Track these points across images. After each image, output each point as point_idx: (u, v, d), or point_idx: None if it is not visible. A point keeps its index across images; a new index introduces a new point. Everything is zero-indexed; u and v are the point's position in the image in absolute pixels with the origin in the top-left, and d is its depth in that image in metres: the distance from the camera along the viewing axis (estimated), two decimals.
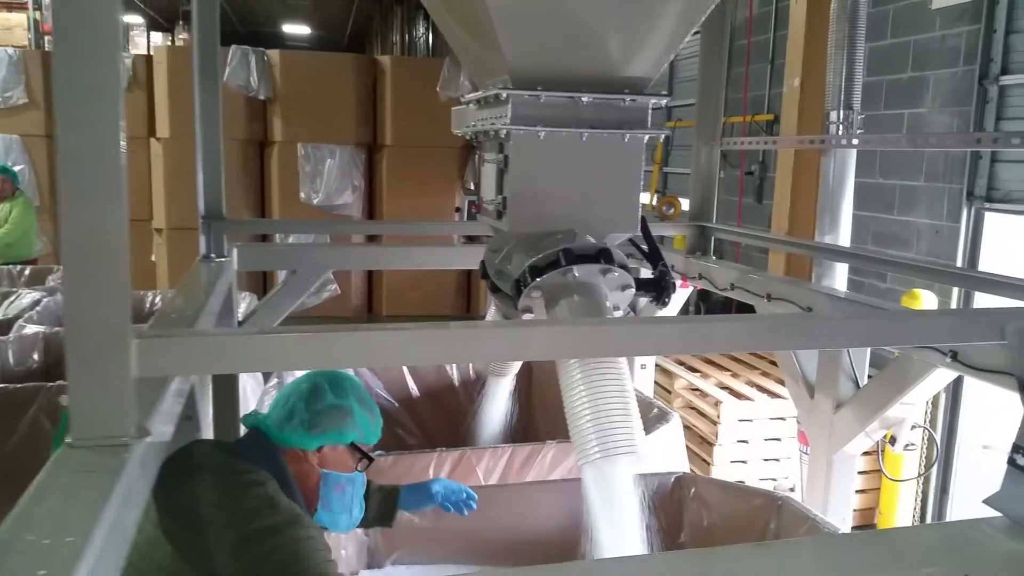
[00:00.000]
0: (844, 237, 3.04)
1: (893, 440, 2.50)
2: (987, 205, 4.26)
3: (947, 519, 4.53)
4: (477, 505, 2.24)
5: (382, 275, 8.87)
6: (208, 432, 2.78)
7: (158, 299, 5.57)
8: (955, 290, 4.45)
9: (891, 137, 3.84)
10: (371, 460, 1.90)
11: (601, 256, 1.97)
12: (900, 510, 4.38)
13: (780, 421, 4.54)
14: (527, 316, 2.05)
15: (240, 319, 3.53)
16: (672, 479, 2.43)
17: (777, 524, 2.27)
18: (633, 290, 2.05)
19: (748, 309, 5.01)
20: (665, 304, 2.14)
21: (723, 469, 4.49)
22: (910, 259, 2.63)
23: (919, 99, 4.67)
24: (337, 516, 1.84)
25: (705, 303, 6.12)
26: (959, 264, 4.38)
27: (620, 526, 1.90)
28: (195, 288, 2.66)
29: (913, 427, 2.47)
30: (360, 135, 8.55)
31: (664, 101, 2.03)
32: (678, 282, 3.12)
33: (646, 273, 2.25)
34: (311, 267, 3.47)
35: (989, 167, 4.22)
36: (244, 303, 6.26)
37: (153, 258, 8.45)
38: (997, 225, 4.30)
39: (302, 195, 8.39)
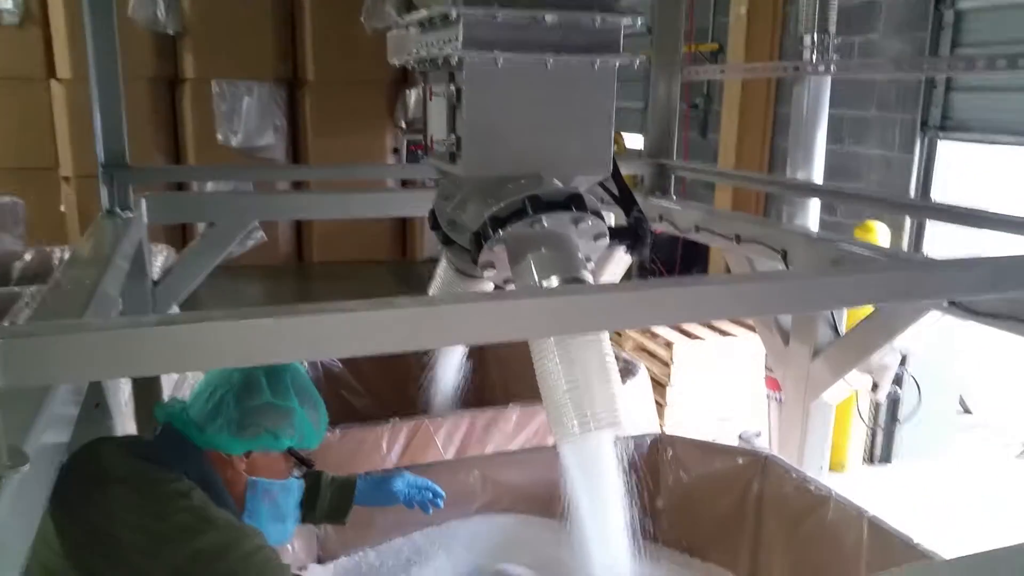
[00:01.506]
0: (818, 173, 2.86)
1: (875, 386, 2.36)
2: (941, 134, 4.14)
3: (896, 449, 4.54)
4: (440, 480, 2.03)
5: (312, 221, 8.46)
6: (124, 419, 2.47)
7: (67, 255, 5.14)
8: (907, 222, 4.38)
9: (873, 63, 3.66)
10: (310, 466, 1.64)
11: (572, 203, 1.73)
12: (852, 443, 4.36)
13: (733, 360, 4.44)
14: (488, 273, 1.81)
15: (155, 279, 3.18)
16: (648, 441, 2.25)
17: (761, 483, 2.12)
18: (607, 240, 1.83)
19: (696, 248, 4.80)
20: (641, 255, 1.91)
21: (677, 410, 4.38)
22: (901, 199, 2.46)
23: (871, 25, 4.50)
24: (266, 528, 1.55)
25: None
26: (912, 196, 4.29)
27: (603, 502, 1.73)
28: (97, 249, 2.32)
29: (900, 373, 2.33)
30: (279, 70, 8.02)
31: (640, 21, 1.77)
32: None
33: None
34: (231, 219, 3.14)
35: (944, 95, 4.09)
36: (161, 257, 5.86)
37: (62, 208, 7.87)
38: (951, 155, 4.20)
39: (219, 136, 7.87)
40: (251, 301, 7.69)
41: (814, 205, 2.77)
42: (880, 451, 4.56)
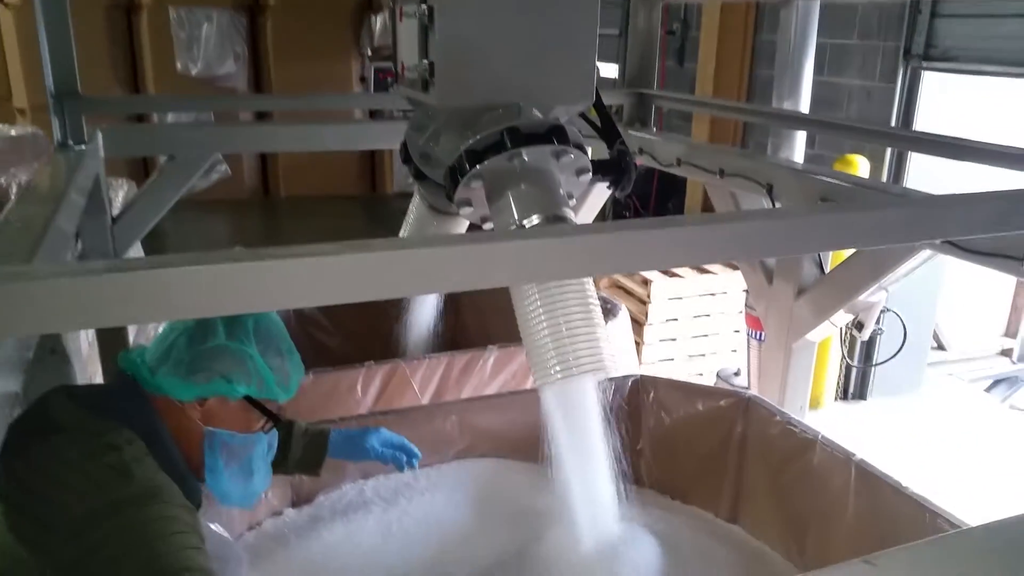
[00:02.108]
0: (804, 103, 2.75)
1: (860, 326, 2.31)
2: (925, 64, 4.05)
3: (871, 386, 4.56)
4: (418, 425, 1.96)
5: (277, 154, 8.23)
6: (85, 365, 2.37)
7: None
8: (887, 154, 4.31)
9: None
10: (276, 420, 1.49)
11: (553, 135, 1.63)
12: (827, 379, 4.36)
13: (710, 297, 4.40)
14: (465, 210, 1.71)
15: (114, 216, 3.04)
16: (629, 382, 2.19)
17: (744, 425, 2.07)
18: (590, 175, 1.73)
19: (673, 182, 4.67)
20: (624, 190, 1.82)
21: (653, 348, 4.35)
22: (903, 132, 2.37)
23: None
24: (226, 486, 1.44)
25: None
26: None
27: (584, 446, 1.68)
28: (50, 184, 2.17)
29: (885, 311, 2.28)
30: None
31: None
32: None
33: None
34: (192, 151, 3.00)
35: (928, 23, 3.98)
36: (122, 191, 5.66)
37: None
38: (935, 86, 4.11)
39: (179, 65, 7.57)
40: (217, 236, 7.51)
41: (800, 137, 2.68)
42: (854, 387, 4.57)
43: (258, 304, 0.96)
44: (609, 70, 6.28)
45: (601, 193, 3.01)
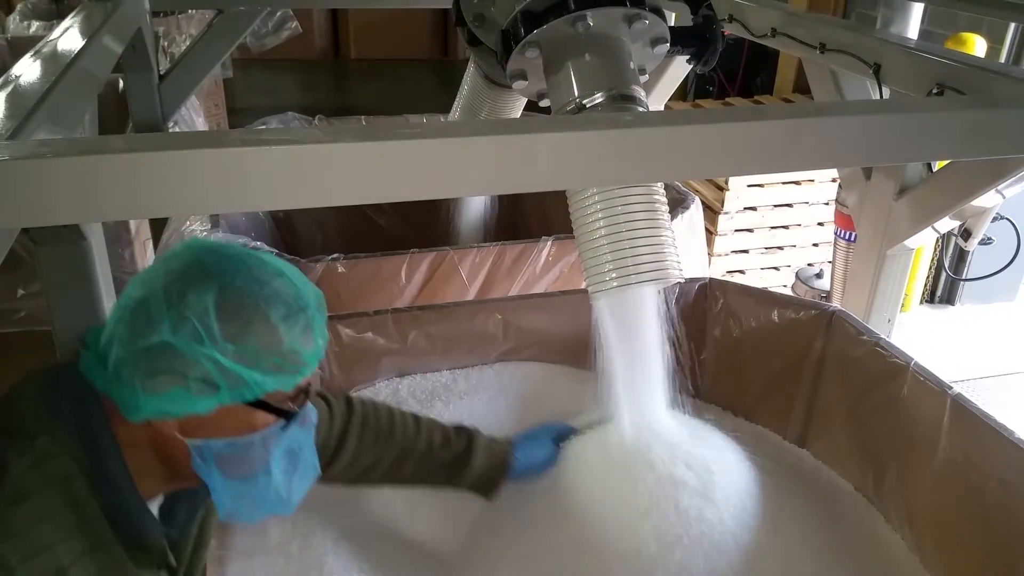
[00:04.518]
0: None
1: (967, 234, 2.02)
2: None
3: (960, 290, 4.22)
4: (458, 323, 1.80)
5: (348, 12, 7.92)
6: (136, 248, 2.24)
7: None
8: (1010, 30, 3.82)
9: None
10: (289, 416, 1.02)
11: None
12: (915, 281, 4.05)
13: (794, 186, 4.06)
14: (519, 84, 1.48)
15: (162, 73, 2.89)
16: (696, 287, 1.97)
17: (824, 342, 1.85)
18: (667, 45, 1.47)
19: (764, 54, 4.21)
20: (708, 65, 1.55)
21: (727, 239, 4.08)
22: None
23: None
24: (235, 502, 1.02)
25: None
26: None
27: (639, 357, 1.50)
28: (76, 35, 1.99)
29: (995, 219, 1.99)
30: None
31: None
32: None
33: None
34: (242, 4, 2.80)
35: None
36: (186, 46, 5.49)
37: None
38: None
39: None
40: (286, 96, 7.39)
41: (916, 9, 2.30)
42: (942, 291, 4.25)
43: (252, 200, 0.77)
44: None
45: (680, 67, 2.70)
